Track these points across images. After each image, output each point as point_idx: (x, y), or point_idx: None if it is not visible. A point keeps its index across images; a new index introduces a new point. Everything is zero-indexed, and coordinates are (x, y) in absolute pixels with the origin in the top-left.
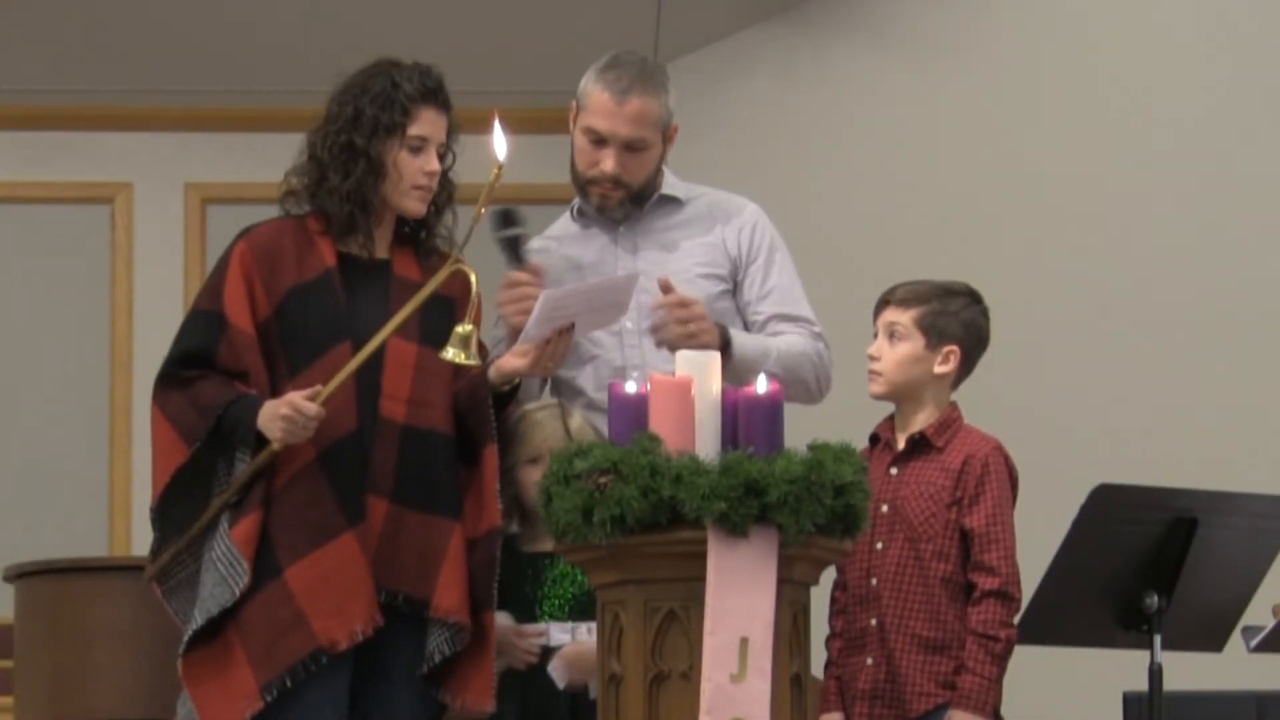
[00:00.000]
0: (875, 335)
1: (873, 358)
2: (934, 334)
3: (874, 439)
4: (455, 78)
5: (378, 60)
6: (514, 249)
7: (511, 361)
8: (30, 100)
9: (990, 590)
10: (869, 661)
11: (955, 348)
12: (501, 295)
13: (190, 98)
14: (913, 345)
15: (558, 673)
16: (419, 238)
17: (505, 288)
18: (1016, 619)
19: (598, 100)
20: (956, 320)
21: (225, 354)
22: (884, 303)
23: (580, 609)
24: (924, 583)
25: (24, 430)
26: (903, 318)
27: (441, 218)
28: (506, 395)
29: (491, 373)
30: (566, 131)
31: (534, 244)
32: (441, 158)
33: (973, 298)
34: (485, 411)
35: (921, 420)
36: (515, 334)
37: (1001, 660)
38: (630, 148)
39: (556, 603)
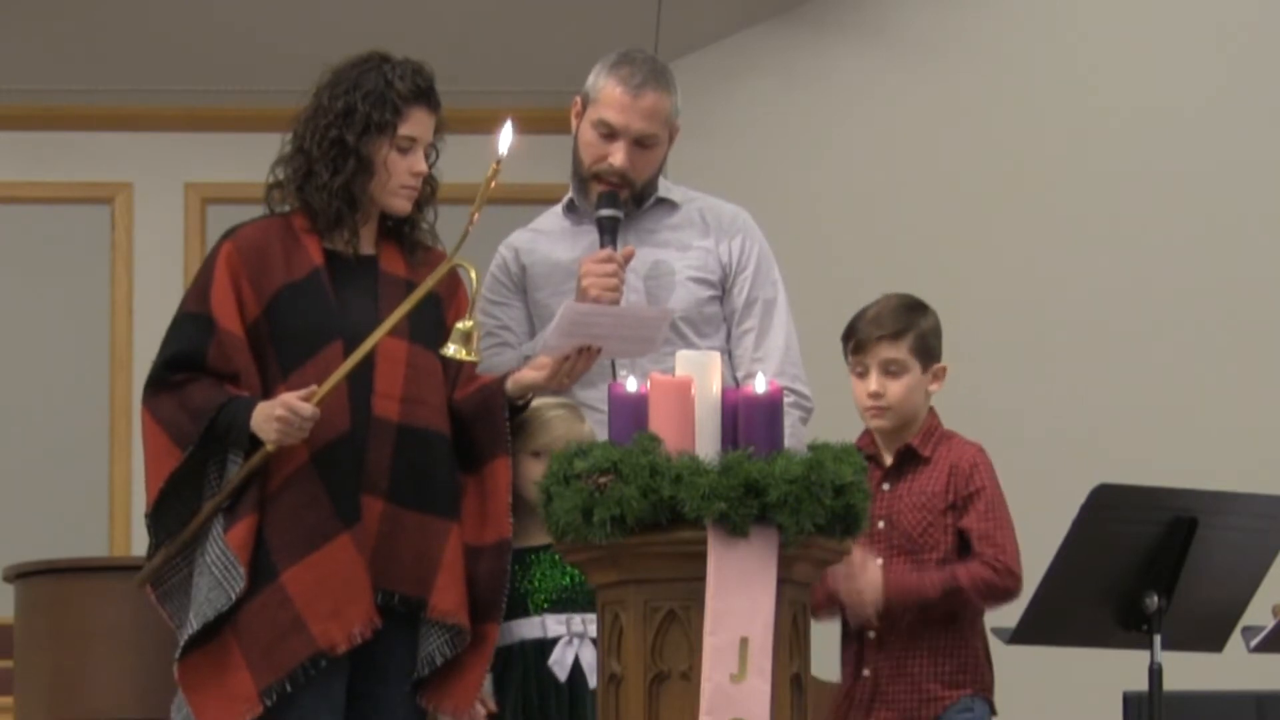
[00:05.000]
0: (861, 372)
1: (877, 394)
2: (925, 357)
3: None
4: (455, 78)
5: (369, 54)
6: (613, 230)
7: (529, 374)
8: (30, 100)
9: (990, 560)
10: (866, 673)
11: (943, 364)
12: (587, 266)
13: (190, 98)
14: (912, 374)
15: (558, 666)
16: (403, 233)
17: (594, 260)
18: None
19: (611, 94)
20: (935, 336)
21: (214, 356)
22: (870, 340)
23: (568, 602)
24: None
25: (24, 430)
26: (899, 352)
27: (424, 213)
28: (519, 407)
29: (509, 384)
30: (565, 131)
31: (518, 235)
32: (426, 156)
33: (927, 305)
34: (498, 421)
35: (908, 434)
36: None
37: (948, 598)
38: (640, 143)
39: (545, 596)
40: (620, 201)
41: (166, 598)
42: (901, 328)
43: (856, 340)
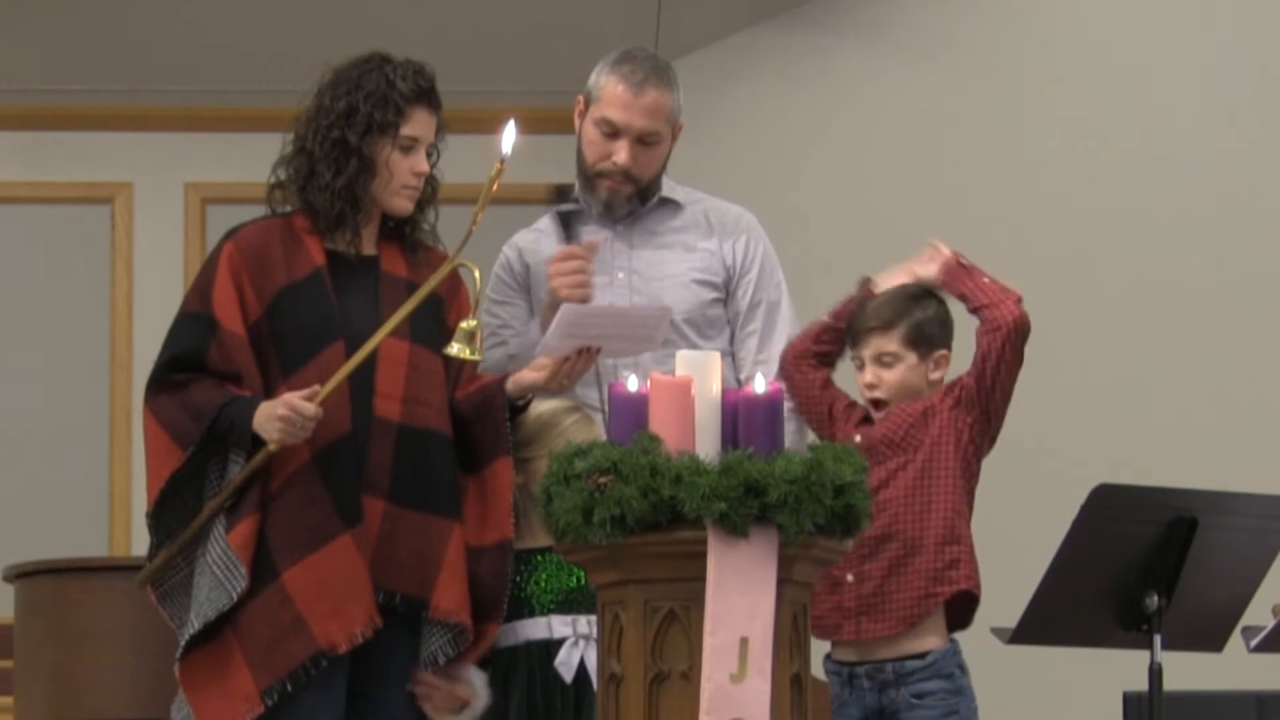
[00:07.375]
0: (860, 364)
1: (872, 386)
2: (923, 345)
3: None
4: (455, 78)
5: (370, 54)
6: (567, 224)
7: (529, 375)
8: (30, 100)
9: None
10: (849, 578)
11: (945, 351)
12: (553, 267)
13: (190, 98)
14: (907, 364)
15: (564, 666)
16: (404, 233)
17: (558, 260)
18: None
19: (613, 92)
20: (934, 324)
21: (216, 356)
22: (863, 332)
23: (574, 603)
24: (931, 479)
25: (24, 430)
26: (891, 344)
27: (425, 214)
28: (519, 408)
29: (509, 384)
30: (566, 131)
31: (521, 235)
32: (428, 156)
33: (933, 295)
34: (499, 422)
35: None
36: (553, 309)
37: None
38: (643, 141)
39: (551, 597)
40: (574, 192)
41: (167, 598)
42: (892, 318)
43: (852, 334)
